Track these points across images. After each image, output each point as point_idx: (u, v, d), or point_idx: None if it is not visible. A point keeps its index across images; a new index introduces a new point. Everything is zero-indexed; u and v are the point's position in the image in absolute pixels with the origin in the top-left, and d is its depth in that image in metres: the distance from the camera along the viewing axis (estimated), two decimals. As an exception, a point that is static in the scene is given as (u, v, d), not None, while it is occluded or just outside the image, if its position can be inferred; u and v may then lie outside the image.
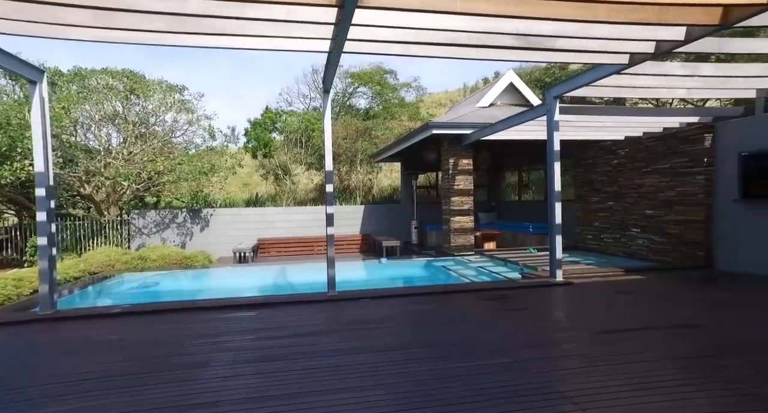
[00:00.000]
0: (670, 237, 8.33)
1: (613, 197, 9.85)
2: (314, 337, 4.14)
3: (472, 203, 10.58)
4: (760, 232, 6.85)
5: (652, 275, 7.07)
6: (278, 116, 25.32)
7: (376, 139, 21.02)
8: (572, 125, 8.35)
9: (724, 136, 7.44)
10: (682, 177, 8.05)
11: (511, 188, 17.23)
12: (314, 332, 4.33)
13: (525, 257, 9.48)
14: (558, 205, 6.61)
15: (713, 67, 5.75)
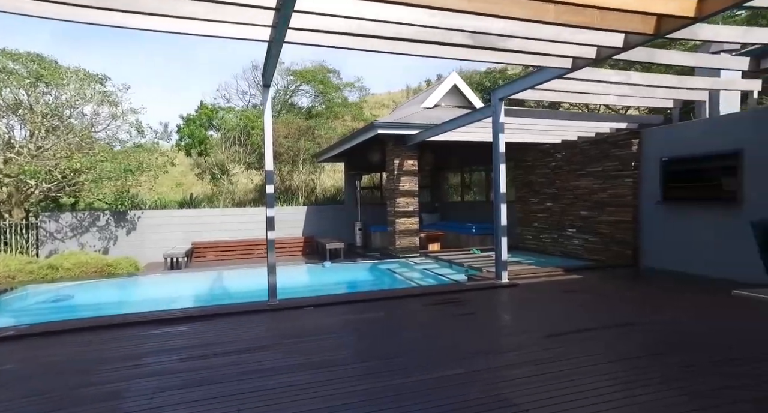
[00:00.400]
0: (603, 237, 8.76)
1: (551, 198, 10.22)
2: (254, 353, 3.77)
3: (417, 204, 10.53)
4: (679, 232, 7.35)
5: (589, 273, 7.36)
6: (215, 112, 23.98)
7: (319, 138, 20.53)
8: (513, 128, 8.52)
9: (648, 142, 7.92)
10: (613, 180, 8.48)
11: (453, 189, 17.53)
12: (254, 347, 3.95)
13: (469, 258, 9.57)
14: (503, 206, 6.66)
15: (640, 76, 6.06)
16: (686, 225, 7.27)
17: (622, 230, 8.31)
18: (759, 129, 6.24)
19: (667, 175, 7.57)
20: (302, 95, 29.76)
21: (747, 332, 4.18)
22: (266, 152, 5.63)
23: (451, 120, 8.08)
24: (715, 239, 6.84)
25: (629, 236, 8.17)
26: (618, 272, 7.46)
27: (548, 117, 7.75)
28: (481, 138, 9.48)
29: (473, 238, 12.83)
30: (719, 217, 6.78)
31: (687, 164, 7.24)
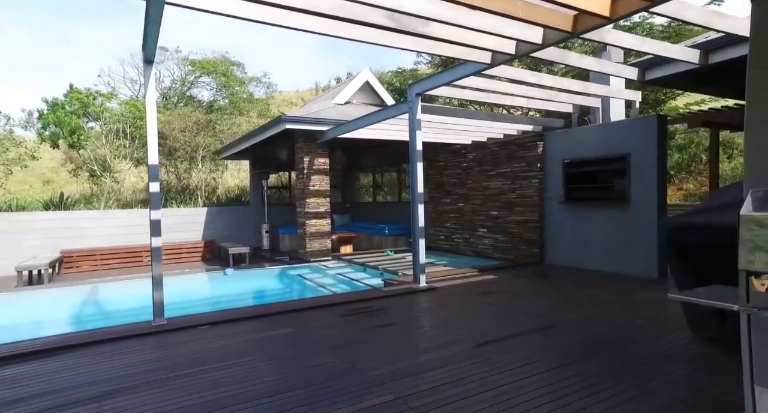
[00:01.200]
0: (511, 236, 9.02)
1: (462, 198, 10.34)
2: (125, 397, 2.94)
3: (328, 204, 9.98)
4: (580, 231, 7.78)
5: (502, 273, 7.44)
6: (90, 98, 20.85)
7: (221, 134, 18.93)
8: (425, 127, 8.38)
9: (551, 144, 8.29)
10: (521, 180, 8.76)
11: (364, 190, 17.25)
12: (126, 387, 3.11)
13: (384, 261, 9.26)
14: (421, 207, 6.41)
15: (551, 78, 6.20)
16: (586, 224, 7.70)
17: (530, 229, 8.60)
18: (640, 136, 6.76)
19: (568, 176, 7.97)
20: (202, 88, 27.45)
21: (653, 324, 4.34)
22: (149, 143, 4.68)
23: (366, 116, 7.68)
24: (609, 237, 7.30)
25: (536, 235, 8.49)
26: (527, 271, 7.66)
27: (462, 116, 7.71)
28: (393, 136, 9.24)
29: (386, 239, 12.62)
30: (613, 216, 7.26)
31: (585, 166, 7.66)
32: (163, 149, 16.14)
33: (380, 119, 7.24)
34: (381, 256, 10.25)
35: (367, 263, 9.11)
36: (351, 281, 8.05)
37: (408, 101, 6.41)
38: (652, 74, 5.79)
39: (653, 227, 6.68)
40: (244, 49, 68.56)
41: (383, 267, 8.47)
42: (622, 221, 7.10)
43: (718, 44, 5.16)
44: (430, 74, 6.41)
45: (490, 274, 7.35)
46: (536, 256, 8.47)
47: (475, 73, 5.17)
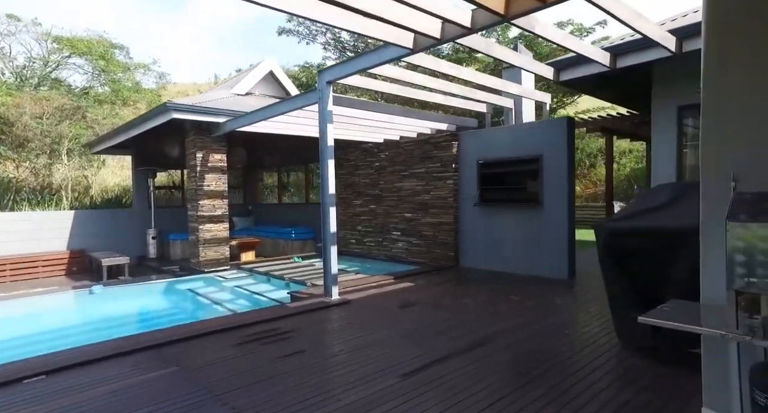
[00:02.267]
0: (426, 239, 8.69)
1: (375, 200, 9.81)
2: None
3: (226, 207, 8.77)
4: (494, 233, 7.68)
5: (419, 280, 7.02)
6: None
7: (96, 124, 16.24)
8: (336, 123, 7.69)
9: (465, 144, 8.11)
10: (436, 181, 8.47)
11: (269, 190, 15.99)
12: None
13: (291, 269, 8.35)
14: (332, 210, 5.69)
15: (471, 72, 5.90)
16: (500, 226, 7.61)
17: (444, 231, 8.34)
18: (552, 137, 6.81)
19: (482, 177, 7.83)
20: (74, 70, 23.59)
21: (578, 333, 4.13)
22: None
23: (269, 106, 6.73)
24: (523, 239, 7.27)
25: (451, 237, 8.24)
26: (443, 276, 7.34)
27: (377, 110, 7.12)
28: (300, 131, 8.39)
29: (293, 244, 11.67)
30: (526, 218, 7.23)
31: (499, 167, 7.58)
32: (8, 137, 13.21)
33: (285, 110, 6.37)
34: (287, 263, 9.31)
35: (271, 272, 8.12)
36: (253, 295, 7.03)
37: (317, 90, 5.65)
38: (565, 75, 5.76)
39: (564, 228, 6.74)
40: (133, 35, 61.55)
41: (290, 277, 7.58)
42: (535, 223, 7.10)
43: (627, 48, 5.23)
44: (344, 60, 5.71)
45: (406, 281, 6.87)
46: (451, 259, 8.23)
47: (394, 59, 4.60)
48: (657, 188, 3.62)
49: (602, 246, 3.40)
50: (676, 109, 5.54)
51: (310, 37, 19.11)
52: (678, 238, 3.02)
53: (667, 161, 5.68)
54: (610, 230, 3.34)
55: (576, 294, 5.81)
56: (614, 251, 3.33)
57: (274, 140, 10.44)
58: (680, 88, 5.50)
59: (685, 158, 5.66)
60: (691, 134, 5.81)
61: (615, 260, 3.34)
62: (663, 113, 5.66)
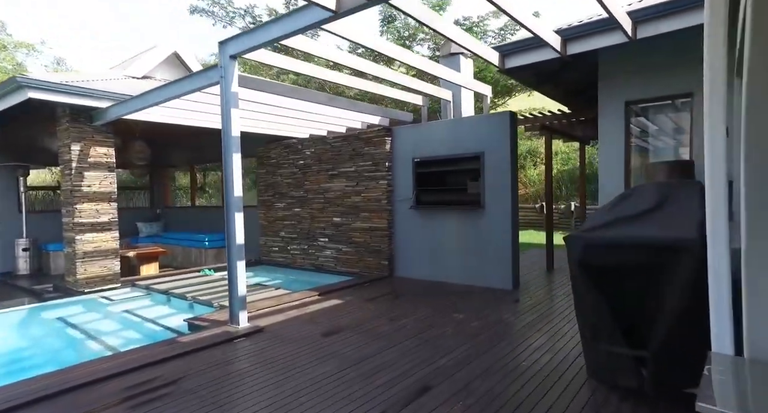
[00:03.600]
0: (357, 246, 7.77)
1: (299, 202, 8.71)
2: None
3: (115, 212, 7.20)
4: (431, 239, 6.95)
5: (349, 295, 6.07)
6: None
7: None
8: (249, 112, 6.53)
9: (400, 140, 7.32)
10: (367, 181, 7.59)
11: (183, 191, 14.19)
12: None
13: (197, 286, 7.02)
14: (239, 216, 4.57)
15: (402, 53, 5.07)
16: (438, 231, 6.90)
17: (377, 238, 7.48)
18: (493, 133, 6.22)
19: (419, 177, 7.08)
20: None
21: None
22: None
23: (162, 87, 5.40)
24: (463, 246, 6.61)
25: (384, 244, 7.39)
26: (377, 289, 6.46)
27: (295, 96, 6.03)
28: (209, 122, 7.11)
29: (207, 253, 10.21)
30: (467, 222, 6.58)
31: (437, 166, 6.87)
32: None
33: (182, 91, 5.10)
34: (196, 277, 7.93)
35: (172, 290, 6.75)
36: (143, 322, 5.66)
37: (219, 67, 4.49)
38: (512, 61, 5.13)
39: (508, 234, 6.16)
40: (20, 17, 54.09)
41: (194, 295, 6.29)
42: (477, 228, 6.47)
43: (579, 32, 4.68)
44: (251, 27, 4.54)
45: (334, 298, 5.90)
46: (385, 269, 7.38)
47: (314, 25, 3.61)
48: (636, 189, 2.99)
49: (576, 262, 2.68)
50: (623, 104, 5.13)
51: (227, 19, 17.35)
52: (672, 253, 2.36)
53: (614, 162, 5.26)
54: (586, 242, 2.63)
55: (523, 309, 5.19)
56: (591, 268, 2.62)
57: (184, 133, 9.01)
58: (629, 81, 5.10)
59: (634, 159, 5.28)
60: (637, 133, 5.45)
61: (592, 280, 2.63)
62: (610, 110, 5.24)
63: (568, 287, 6.18)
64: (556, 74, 6.13)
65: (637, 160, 5.53)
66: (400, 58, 4.89)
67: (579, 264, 2.67)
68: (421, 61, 5.22)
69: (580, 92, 6.98)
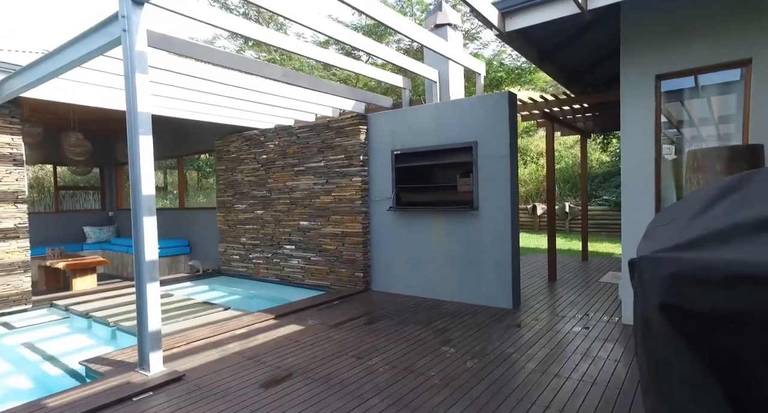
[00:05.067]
0: (327, 255, 6.58)
1: (262, 203, 7.48)
2: None
3: (25, 215, 5.86)
4: (415, 247, 5.81)
5: (311, 316, 4.87)
6: None
7: None
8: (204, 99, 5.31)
9: (377, 129, 6.17)
10: (338, 178, 6.40)
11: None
12: None
13: (132, 305, 5.74)
14: (150, 222, 3.35)
15: (389, 13, 3.92)
16: (423, 237, 5.76)
17: (351, 245, 6.30)
18: (489, 119, 5.11)
19: (399, 173, 5.94)
20: None
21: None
22: None
23: (55, 51, 4.09)
24: (453, 256, 5.48)
25: (359, 252, 6.22)
26: (348, 309, 5.28)
27: (236, 66, 4.76)
28: (180, 109, 5.83)
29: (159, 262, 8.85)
30: (457, 227, 5.46)
31: (421, 159, 5.73)
32: None
33: (80, 54, 3.82)
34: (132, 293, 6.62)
35: (96, 311, 5.46)
36: (42, 361, 4.37)
37: (119, 17, 3.27)
38: (515, 22, 4.00)
39: (506, 240, 5.04)
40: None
41: (118, 320, 5.03)
42: (469, 234, 5.34)
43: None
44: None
45: (291, 322, 4.70)
46: (360, 282, 6.21)
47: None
48: (753, 177, 1.85)
49: (657, 304, 1.52)
50: (653, 79, 4.05)
51: None
52: None
53: (641, 152, 4.17)
54: (680, 269, 1.49)
55: (529, 339, 4.07)
56: (689, 317, 1.47)
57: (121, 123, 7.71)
58: (662, 48, 4.01)
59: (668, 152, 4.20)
60: (678, 118, 4.38)
61: (688, 338, 1.48)
62: (635, 86, 4.15)
63: (576, 307, 5.09)
64: (564, 45, 5.04)
65: (679, 154, 4.45)
66: (387, 21, 3.74)
67: (663, 309, 1.52)
68: (400, 22, 4.06)
69: (587, 71, 5.92)
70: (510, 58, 15.67)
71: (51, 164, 10.54)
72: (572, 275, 6.92)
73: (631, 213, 4.28)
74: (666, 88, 4.08)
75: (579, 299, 5.39)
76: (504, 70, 15.44)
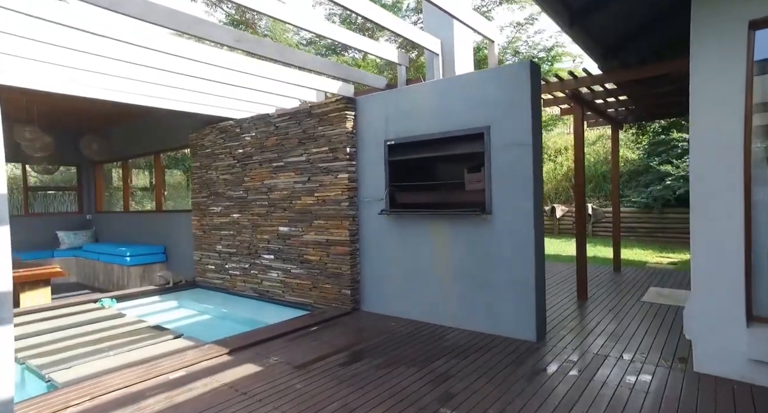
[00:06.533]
0: (310, 267, 5.49)
1: (238, 205, 6.43)
2: None
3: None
4: (413, 260, 4.69)
5: (276, 351, 3.77)
6: None
7: None
8: (168, 80, 4.28)
9: (367, 115, 5.06)
10: (322, 175, 5.31)
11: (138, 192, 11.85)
12: None
13: (68, 329, 4.70)
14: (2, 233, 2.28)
15: None
16: (423, 247, 4.63)
17: (337, 255, 5.19)
18: (505, 97, 3.97)
19: (393, 168, 4.83)
20: None
21: None
22: None
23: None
24: (460, 270, 4.35)
25: (346, 265, 5.11)
26: (328, 339, 4.17)
27: (167, 25, 3.63)
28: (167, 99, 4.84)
29: (130, 272, 7.91)
30: (464, 235, 4.32)
31: (419, 151, 4.60)
32: None
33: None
34: (86, 310, 5.61)
35: (19, 338, 4.45)
36: None
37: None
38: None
39: (528, 251, 3.89)
40: None
41: (29, 356, 3.99)
42: (480, 244, 4.20)
43: None
44: None
45: (248, 360, 3.61)
46: (347, 301, 5.10)
47: None
48: None
49: None
50: (746, 27, 2.87)
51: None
52: None
53: (721, 136, 2.98)
54: None
55: (564, 396, 2.91)
56: None
57: (122, 115, 6.87)
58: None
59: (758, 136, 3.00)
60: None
61: None
62: (715, 41, 2.98)
63: (621, 341, 3.90)
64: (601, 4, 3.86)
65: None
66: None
67: None
68: None
69: (630, 39, 4.72)
70: (525, 46, 14.43)
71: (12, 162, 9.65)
72: (606, 292, 5.71)
73: (703, 222, 3.10)
74: (762, 43, 2.88)
75: (622, 330, 4.20)
76: (519, 60, 14.22)
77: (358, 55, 13.33)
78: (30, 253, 8.73)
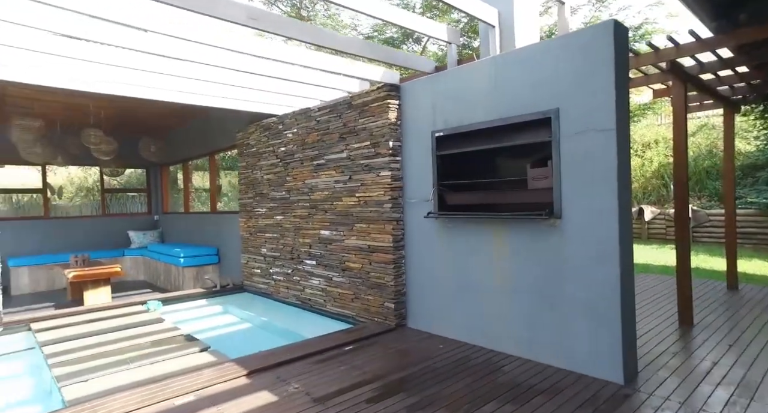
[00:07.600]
0: (351, 275, 4.95)
1: (281, 207, 6.08)
2: None
3: None
4: (466, 271, 3.95)
5: (298, 373, 3.25)
6: None
7: None
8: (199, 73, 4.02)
9: (413, 104, 4.40)
10: (364, 173, 4.74)
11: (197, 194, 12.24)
12: None
13: (107, 333, 4.57)
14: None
15: None
16: (476, 257, 3.88)
17: (379, 263, 4.60)
18: (576, 71, 3.11)
19: (443, 163, 4.13)
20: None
21: None
22: None
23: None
24: (523, 286, 3.54)
25: (389, 275, 4.49)
26: (361, 365, 3.58)
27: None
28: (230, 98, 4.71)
29: (184, 273, 7.95)
30: (528, 244, 3.51)
31: (472, 143, 3.86)
32: None
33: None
34: (132, 313, 5.55)
35: (59, 342, 4.39)
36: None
37: None
38: None
39: (612, 267, 3.00)
40: None
41: (60, 362, 3.84)
42: (548, 254, 3.37)
43: None
44: None
45: (266, 386, 3.12)
46: (391, 315, 4.48)
47: None
48: None
49: None
50: None
51: None
52: None
53: None
54: None
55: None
56: None
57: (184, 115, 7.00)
58: None
59: None
60: None
61: None
62: None
63: (749, 388, 2.87)
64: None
65: None
66: None
67: None
68: None
69: None
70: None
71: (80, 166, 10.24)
72: (720, 317, 4.53)
73: None
74: None
75: (752, 375, 3.14)
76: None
77: (417, 48, 12.63)
78: (103, 252, 9.17)
